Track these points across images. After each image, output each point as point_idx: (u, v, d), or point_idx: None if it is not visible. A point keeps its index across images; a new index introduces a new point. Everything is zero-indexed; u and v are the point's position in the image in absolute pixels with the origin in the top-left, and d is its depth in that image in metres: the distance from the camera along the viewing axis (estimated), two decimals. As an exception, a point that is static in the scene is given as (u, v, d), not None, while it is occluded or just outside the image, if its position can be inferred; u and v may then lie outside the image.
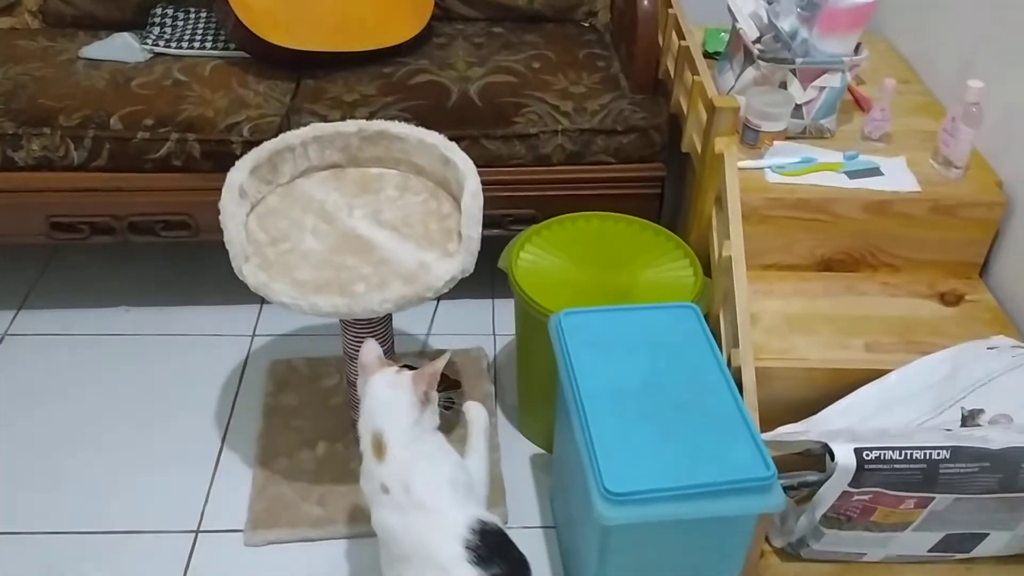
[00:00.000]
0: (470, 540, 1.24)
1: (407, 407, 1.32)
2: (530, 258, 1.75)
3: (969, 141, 1.73)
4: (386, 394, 1.33)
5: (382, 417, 1.32)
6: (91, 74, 2.02)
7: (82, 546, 1.65)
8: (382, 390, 1.34)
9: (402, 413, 1.32)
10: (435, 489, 1.28)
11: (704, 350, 1.48)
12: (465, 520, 1.26)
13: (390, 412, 1.32)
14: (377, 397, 1.34)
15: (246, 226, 1.55)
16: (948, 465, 1.28)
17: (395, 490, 1.28)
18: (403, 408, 1.32)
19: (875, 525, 1.36)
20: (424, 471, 1.30)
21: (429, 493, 1.28)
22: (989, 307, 1.73)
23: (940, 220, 1.74)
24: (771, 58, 1.80)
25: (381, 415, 1.33)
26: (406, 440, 1.31)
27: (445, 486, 1.29)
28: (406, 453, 1.30)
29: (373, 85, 2.02)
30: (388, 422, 1.32)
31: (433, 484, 1.29)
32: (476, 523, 1.26)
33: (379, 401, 1.33)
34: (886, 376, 1.54)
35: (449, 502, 1.28)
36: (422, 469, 1.30)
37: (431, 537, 1.25)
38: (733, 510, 1.27)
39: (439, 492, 1.28)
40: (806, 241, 1.78)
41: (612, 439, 1.31)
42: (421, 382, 1.32)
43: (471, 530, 1.25)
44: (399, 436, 1.31)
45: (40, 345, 2.07)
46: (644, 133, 1.96)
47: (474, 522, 1.26)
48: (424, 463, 1.31)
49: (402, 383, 1.33)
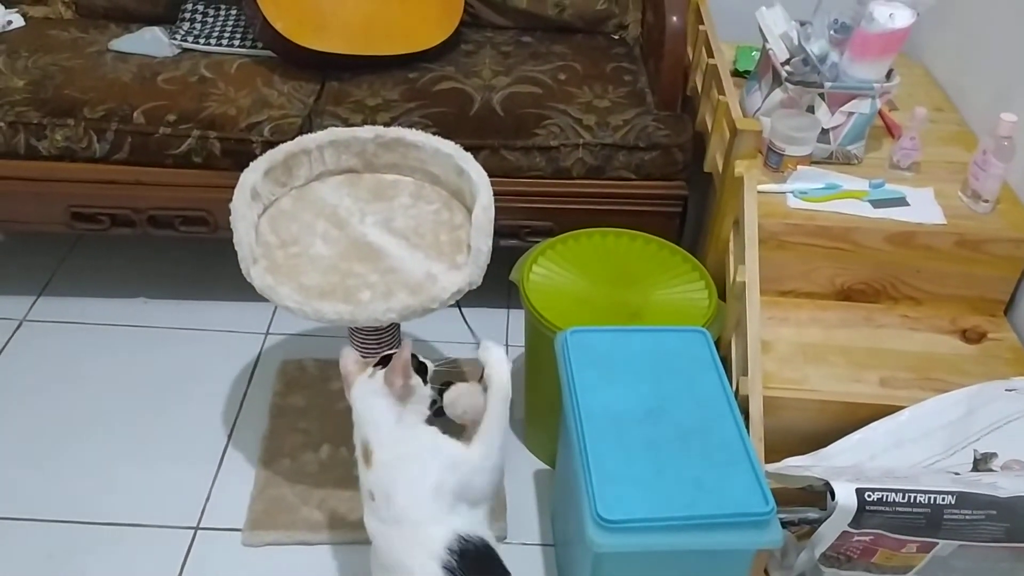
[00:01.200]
0: (447, 560, 1.22)
1: (385, 409, 1.31)
2: (542, 272, 1.73)
3: (1000, 176, 1.68)
4: (364, 401, 1.33)
5: (365, 425, 1.32)
6: (118, 67, 2.04)
7: (83, 535, 1.66)
8: (361, 399, 1.34)
9: (381, 416, 1.32)
10: (415, 501, 1.27)
11: (712, 377, 1.45)
12: (443, 537, 1.24)
13: (371, 418, 1.32)
14: (358, 406, 1.34)
15: (257, 227, 1.55)
16: (953, 511, 1.24)
17: (379, 499, 1.28)
18: (381, 411, 1.32)
19: (876, 567, 1.33)
20: (406, 478, 1.28)
21: (408, 505, 1.26)
22: (1012, 347, 1.68)
23: (965, 255, 1.69)
24: (799, 81, 1.76)
25: (364, 424, 1.33)
26: (389, 443, 1.30)
27: (427, 496, 1.26)
28: (390, 457, 1.30)
29: (397, 90, 2.02)
30: (371, 429, 1.32)
31: (413, 494, 1.27)
32: (455, 541, 1.24)
33: (360, 410, 1.34)
34: (899, 413, 1.50)
35: (428, 516, 1.26)
36: (404, 476, 1.28)
37: (408, 554, 1.24)
38: (729, 544, 1.24)
39: (418, 504, 1.26)
40: (826, 269, 1.74)
41: (609, 464, 1.28)
42: (394, 379, 1.31)
43: (448, 549, 1.23)
44: (382, 440, 1.31)
45: (57, 332, 2.09)
46: (667, 151, 1.93)
47: (453, 540, 1.24)
48: (407, 468, 1.29)
49: (376, 387, 1.33)
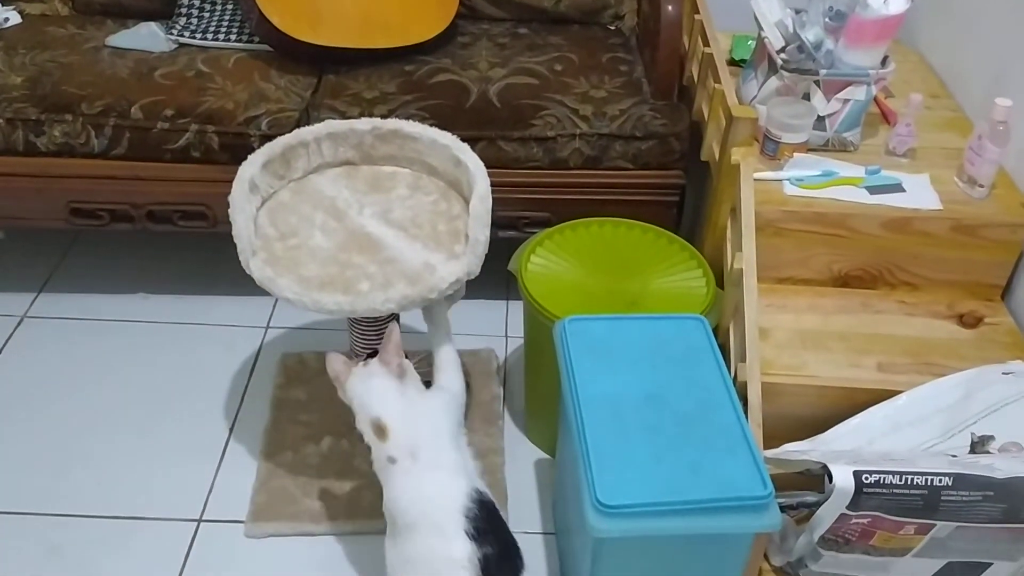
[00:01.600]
0: (469, 508, 1.30)
1: (388, 385, 1.41)
2: (540, 262, 1.74)
3: (995, 160, 1.69)
4: (366, 384, 1.42)
5: (373, 405, 1.40)
6: (116, 63, 2.04)
7: (87, 529, 1.67)
8: (362, 384, 1.42)
9: (386, 392, 1.40)
10: (440, 448, 1.37)
11: (710, 364, 1.46)
12: (466, 487, 1.33)
13: (377, 396, 1.41)
14: (361, 391, 1.42)
15: (256, 220, 1.55)
16: (950, 492, 1.24)
17: (402, 458, 1.35)
18: (385, 386, 1.41)
19: (874, 549, 1.33)
20: (427, 434, 1.38)
21: (436, 453, 1.36)
22: (1009, 331, 1.69)
23: (962, 240, 1.70)
24: (795, 68, 1.77)
25: (371, 404, 1.40)
26: (401, 412, 1.39)
27: (448, 445, 1.37)
28: (405, 424, 1.38)
29: (394, 83, 2.02)
30: (380, 406, 1.39)
31: (438, 445, 1.37)
32: (475, 492, 1.33)
33: (364, 393, 1.42)
34: (897, 397, 1.51)
35: (454, 464, 1.35)
36: (424, 433, 1.38)
37: (438, 501, 1.32)
38: (727, 528, 1.25)
39: (445, 453, 1.36)
40: (823, 256, 1.74)
41: (608, 450, 1.29)
42: (389, 359, 1.41)
43: (470, 498, 1.31)
44: (394, 412, 1.39)
45: (58, 328, 2.10)
46: (663, 140, 1.93)
47: (473, 491, 1.33)
48: (425, 426, 1.38)
49: (374, 370, 1.42)
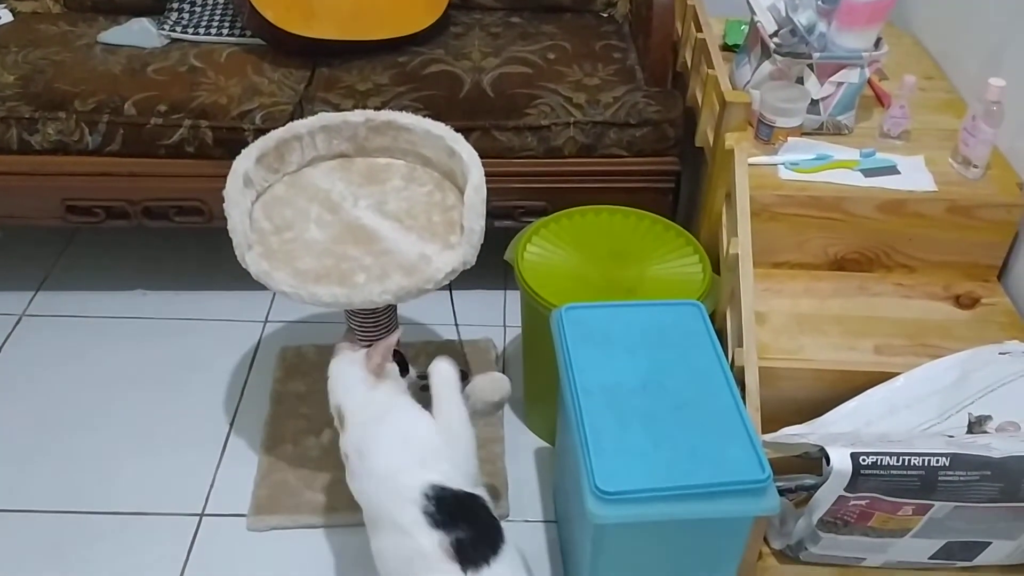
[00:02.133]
0: (425, 504, 1.25)
1: (358, 378, 1.39)
2: (537, 251, 1.74)
3: (989, 141, 1.69)
4: (339, 369, 1.42)
5: (339, 393, 1.40)
6: (108, 59, 2.04)
7: (89, 525, 1.67)
8: (336, 367, 1.42)
9: (353, 382, 1.39)
10: (384, 453, 1.32)
11: (707, 349, 1.46)
12: (417, 484, 1.27)
13: (343, 385, 1.40)
14: (333, 374, 1.42)
15: (251, 214, 1.55)
16: (947, 472, 1.25)
17: (352, 457, 1.33)
18: (353, 378, 1.39)
19: (873, 530, 1.34)
20: (375, 439, 1.34)
21: (378, 458, 1.32)
22: (1006, 311, 1.69)
23: (957, 221, 1.70)
24: (788, 52, 1.77)
25: (338, 392, 1.40)
26: (360, 407, 1.37)
27: (396, 448, 1.32)
28: (360, 419, 1.36)
29: (387, 74, 2.02)
30: (344, 394, 1.39)
31: (383, 448, 1.33)
32: (430, 488, 1.27)
33: (334, 377, 1.42)
34: (894, 379, 1.51)
35: (398, 466, 1.30)
36: (373, 436, 1.34)
37: (389, 502, 1.28)
38: (726, 512, 1.25)
39: (388, 456, 1.32)
40: (819, 239, 1.75)
41: (607, 437, 1.30)
42: (374, 355, 1.39)
43: (425, 495, 1.26)
44: (353, 406, 1.38)
45: (57, 326, 2.10)
46: (658, 126, 1.93)
47: (427, 487, 1.27)
48: (376, 431, 1.35)
49: (354, 358, 1.42)
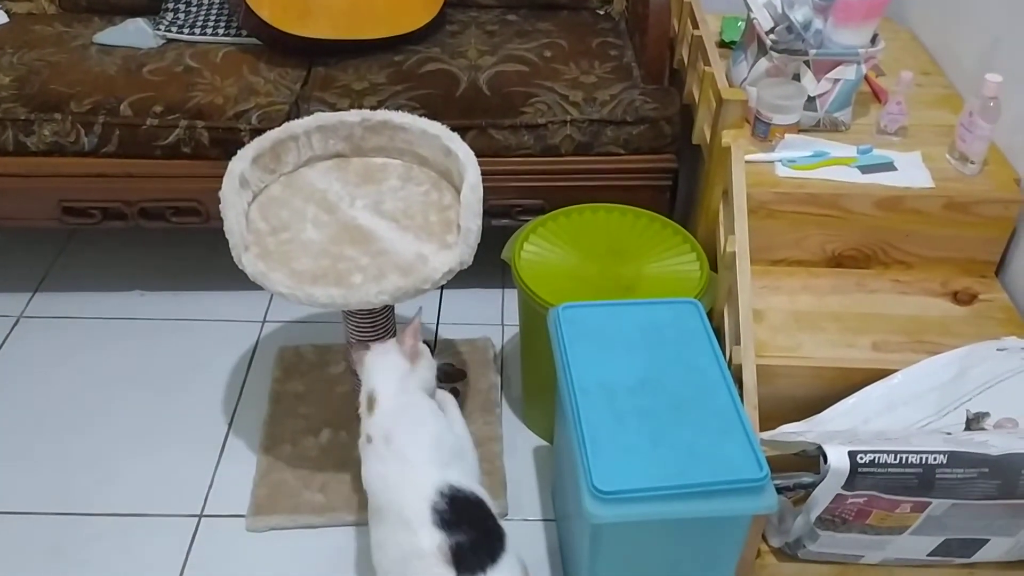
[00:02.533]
0: (437, 502, 1.27)
1: (394, 363, 1.43)
2: (534, 250, 1.74)
3: (986, 137, 1.68)
4: (376, 359, 1.44)
5: (374, 378, 1.42)
6: (103, 60, 2.04)
7: (88, 527, 1.67)
8: (372, 358, 1.45)
9: (390, 369, 1.43)
10: (415, 443, 1.33)
11: (704, 348, 1.46)
12: (436, 481, 1.29)
13: (380, 371, 1.43)
14: (368, 365, 1.45)
15: (247, 215, 1.55)
16: (945, 470, 1.25)
17: (377, 439, 1.34)
18: (391, 364, 1.43)
19: (871, 528, 1.34)
20: (407, 425, 1.36)
21: (408, 445, 1.33)
22: (1003, 307, 1.69)
23: (954, 217, 1.70)
24: (784, 49, 1.76)
25: (373, 377, 1.42)
26: (394, 393, 1.39)
27: (426, 442, 1.34)
28: (393, 405, 1.37)
29: (383, 73, 2.02)
30: (379, 380, 1.41)
31: (414, 438, 1.34)
32: (447, 487, 1.29)
33: (370, 366, 1.44)
34: (892, 376, 1.51)
35: (426, 458, 1.32)
36: (406, 423, 1.36)
37: (402, 491, 1.29)
38: (724, 511, 1.25)
39: (418, 447, 1.33)
40: (816, 236, 1.74)
41: (604, 436, 1.30)
42: (407, 338, 1.43)
43: (439, 492, 1.27)
44: (388, 389, 1.40)
45: (55, 327, 2.10)
46: (654, 124, 1.93)
47: (445, 486, 1.29)
48: (409, 418, 1.37)
49: (388, 346, 1.46)
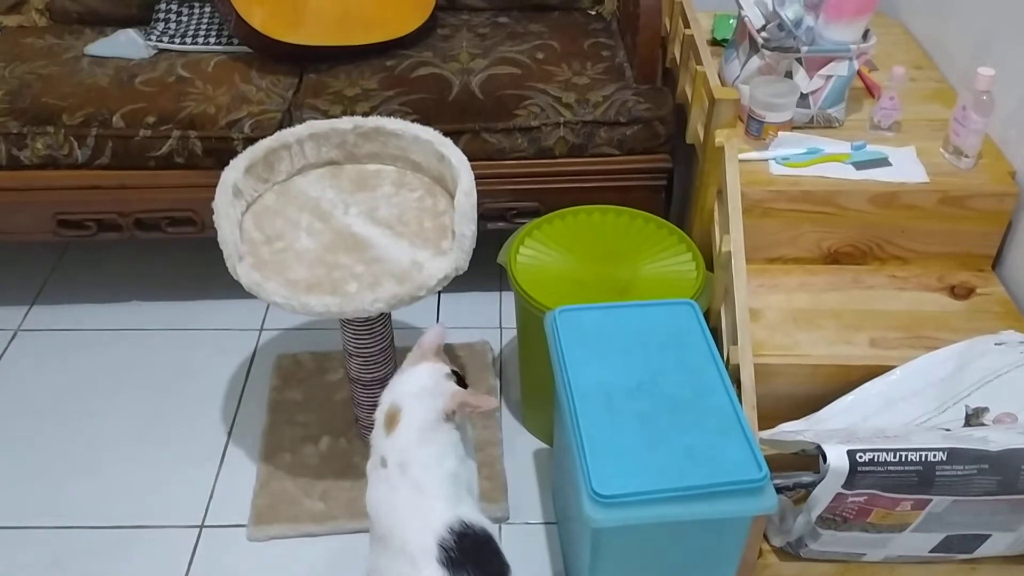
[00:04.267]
0: (446, 539, 1.23)
1: (433, 406, 1.31)
2: (530, 253, 1.73)
3: (980, 130, 1.68)
4: (424, 382, 1.33)
5: (408, 397, 1.32)
6: (95, 71, 2.03)
7: (89, 540, 1.67)
8: (423, 376, 1.34)
9: (427, 406, 1.31)
10: (433, 478, 1.28)
11: (702, 348, 1.46)
12: (448, 517, 1.25)
13: (418, 397, 1.32)
14: (414, 380, 1.33)
15: (242, 225, 1.55)
16: (945, 467, 1.25)
17: (392, 465, 1.28)
18: (429, 403, 1.31)
19: (872, 526, 1.34)
20: (429, 457, 1.29)
21: (426, 480, 1.27)
22: (1001, 300, 1.69)
23: (950, 211, 1.70)
24: (776, 47, 1.76)
25: (408, 395, 1.32)
26: (420, 425, 1.30)
27: (445, 478, 1.28)
28: (416, 430, 1.30)
29: (375, 79, 2.01)
30: (411, 404, 1.31)
31: (433, 472, 1.28)
32: (459, 524, 1.25)
33: (414, 383, 1.33)
34: (890, 373, 1.51)
35: (441, 493, 1.27)
36: (427, 454, 1.29)
37: (410, 523, 1.25)
38: (724, 512, 1.25)
39: (435, 480, 1.28)
40: (812, 234, 1.74)
41: (603, 440, 1.29)
42: (458, 402, 1.32)
43: (450, 529, 1.24)
44: (415, 419, 1.30)
45: (52, 340, 2.10)
46: (648, 124, 1.93)
47: (456, 522, 1.25)
48: (432, 450, 1.30)
49: (443, 387, 1.33)
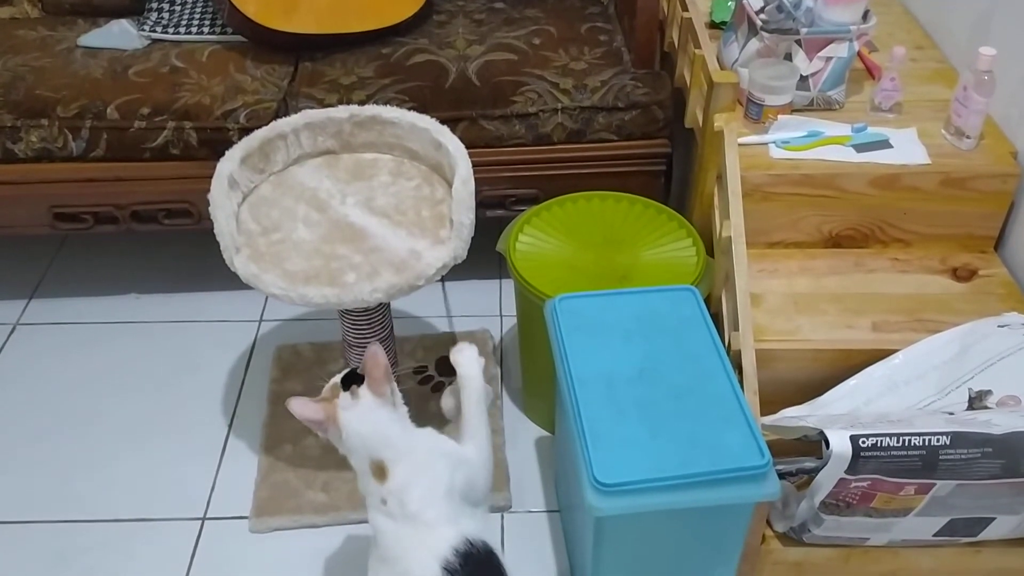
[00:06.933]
0: (450, 562, 1.21)
1: (389, 422, 1.28)
2: (529, 241, 1.72)
3: (981, 111, 1.67)
4: (364, 424, 1.28)
5: (375, 446, 1.27)
6: (89, 63, 2.02)
7: (91, 534, 1.67)
8: (359, 422, 1.28)
9: (388, 431, 1.28)
10: (430, 503, 1.25)
11: (702, 334, 1.45)
12: (452, 538, 1.23)
13: (380, 437, 1.27)
14: (360, 431, 1.28)
15: (238, 216, 1.54)
16: (948, 451, 1.24)
17: (392, 503, 1.26)
18: (386, 426, 1.28)
19: (875, 511, 1.33)
20: (421, 484, 1.26)
21: (423, 507, 1.25)
22: (1003, 282, 1.68)
23: (951, 193, 1.68)
24: (775, 29, 1.74)
25: (373, 445, 1.28)
26: (404, 453, 1.27)
27: (440, 498, 1.26)
28: (407, 470, 1.26)
29: (371, 67, 2.00)
30: (383, 447, 1.27)
31: (428, 497, 1.25)
32: (463, 543, 1.23)
33: (365, 434, 1.28)
34: (893, 356, 1.50)
35: (441, 516, 1.25)
36: (420, 482, 1.26)
37: (413, 551, 1.23)
38: (727, 499, 1.24)
39: (433, 506, 1.25)
40: (813, 217, 1.73)
41: (604, 428, 1.29)
42: (382, 389, 1.28)
43: (455, 551, 1.22)
44: (397, 454, 1.27)
45: (51, 333, 2.09)
46: (646, 109, 1.91)
47: (460, 542, 1.23)
48: (423, 475, 1.27)
49: (370, 404, 1.28)
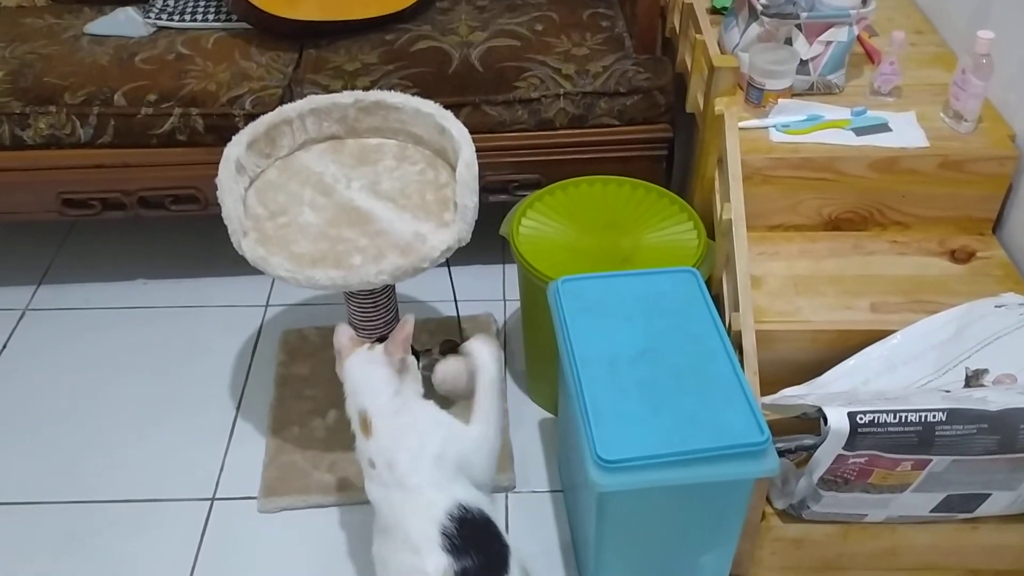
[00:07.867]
0: (447, 526, 1.23)
1: (384, 379, 1.33)
2: (532, 224, 1.74)
3: (980, 94, 1.68)
4: (362, 371, 1.34)
5: (363, 395, 1.33)
6: (95, 50, 2.04)
7: (102, 514, 1.70)
8: (358, 368, 1.35)
9: (380, 386, 1.32)
10: (416, 467, 1.27)
11: (703, 315, 1.47)
12: (445, 503, 1.25)
13: (369, 388, 1.33)
14: (355, 376, 1.35)
15: (245, 200, 1.56)
16: (945, 427, 1.26)
17: (380, 466, 1.29)
18: (380, 381, 1.33)
19: (873, 487, 1.35)
20: (408, 446, 1.29)
21: (410, 472, 1.27)
22: (1001, 264, 1.69)
23: (950, 176, 1.70)
24: (775, 13, 1.75)
25: (362, 393, 1.33)
26: (390, 413, 1.31)
27: (428, 463, 1.28)
28: (391, 427, 1.30)
29: (375, 53, 2.02)
30: (369, 398, 1.32)
31: (415, 462, 1.28)
32: (456, 508, 1.25)
33: (357, 380, 1.34)
34: (891, 336, 1.52)
35: (430, 481, 1.27)
36: (406, 444, 1.29)
37: (409, 517, 1.25)
38: (727, 475, 1.27)
39: (420, 471, 1.27)
40: (812, 201, 1.75)
41: (606, 406, 1.31)
42: (395, 350, 1.33)
43: (449, 515, 1.24)
44: (382, 410, 1.31)
45: (60, 318, 2.12)
46: (648, 94, 1.93)
47: (454, 507, 1.25)
48: (410, 437, 1.30)
49: (376, 357, 1.34)
